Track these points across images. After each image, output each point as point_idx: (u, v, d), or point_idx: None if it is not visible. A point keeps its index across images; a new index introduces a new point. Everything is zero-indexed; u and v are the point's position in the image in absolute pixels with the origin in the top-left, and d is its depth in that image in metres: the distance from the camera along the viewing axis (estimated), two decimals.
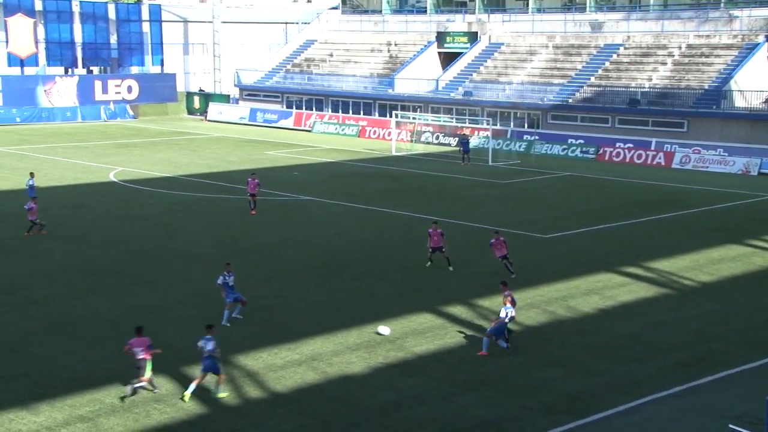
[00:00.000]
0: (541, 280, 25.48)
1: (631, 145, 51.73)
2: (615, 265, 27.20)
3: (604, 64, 58.97)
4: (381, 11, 74.91)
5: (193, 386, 17.04)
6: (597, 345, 20.46)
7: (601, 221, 34.07)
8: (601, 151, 51.98)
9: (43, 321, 21.54)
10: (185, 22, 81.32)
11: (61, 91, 68.26)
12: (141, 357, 16.91)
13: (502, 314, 19.82)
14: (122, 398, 16.87)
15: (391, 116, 57.88)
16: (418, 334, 20.95)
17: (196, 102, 74.86)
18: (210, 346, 17.11)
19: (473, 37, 65.81)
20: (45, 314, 22.07)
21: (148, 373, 16.93)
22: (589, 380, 18.33)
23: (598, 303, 23.55)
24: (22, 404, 16.61)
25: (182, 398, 16.93)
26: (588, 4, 63.94)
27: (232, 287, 21.41)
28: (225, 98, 74.24)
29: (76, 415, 16.28)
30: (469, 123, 56.99)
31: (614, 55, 59.32)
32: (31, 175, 35.06)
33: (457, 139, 52.21)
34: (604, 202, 38.54)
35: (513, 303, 20.03)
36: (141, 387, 16.95)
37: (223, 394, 17.24)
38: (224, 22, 78.29)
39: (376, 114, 64.59)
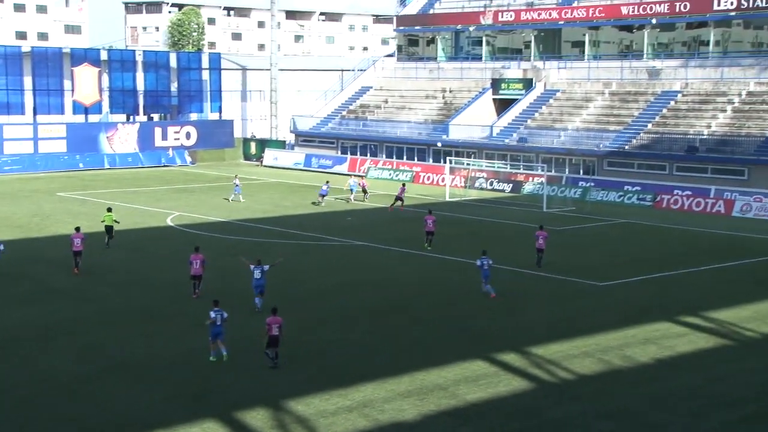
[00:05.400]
0: (596, 329, 25.01)
1: (689, 193, 50.86)
2: (673, 315, 26.60)
3: (661, 111, 58.41)
4: (436, 58, 75.58)
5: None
6: (654, 397, 19.93)
7: (659, 269, 33.41)
8: (658, 199, 51.18)
9: (98, 364, 21.79)
10: (244, 69, 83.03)
11: (122, 137, 69.96)
12: (274, 334, 21.06)
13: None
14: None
15: (445, 162, 57.99)
16: (470, 381, 20.70)
17: (253, 148, 76.04)
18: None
19: (528, 84, 65.89)
20: (101, 358, 22.32)
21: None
22: None
23: (656, 353, 23.00)
24: None
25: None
26: (645, 51, 63.66)
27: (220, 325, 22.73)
28: (281, 144, 75.30)
29: None
30: (524, 169, 56.78)
31: (672, 102, 58.75)
32: None
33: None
34: (661, 250, 37.83)
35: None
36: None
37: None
38: (282, 70, 79.74)
39: (431, 160, 64.80)
